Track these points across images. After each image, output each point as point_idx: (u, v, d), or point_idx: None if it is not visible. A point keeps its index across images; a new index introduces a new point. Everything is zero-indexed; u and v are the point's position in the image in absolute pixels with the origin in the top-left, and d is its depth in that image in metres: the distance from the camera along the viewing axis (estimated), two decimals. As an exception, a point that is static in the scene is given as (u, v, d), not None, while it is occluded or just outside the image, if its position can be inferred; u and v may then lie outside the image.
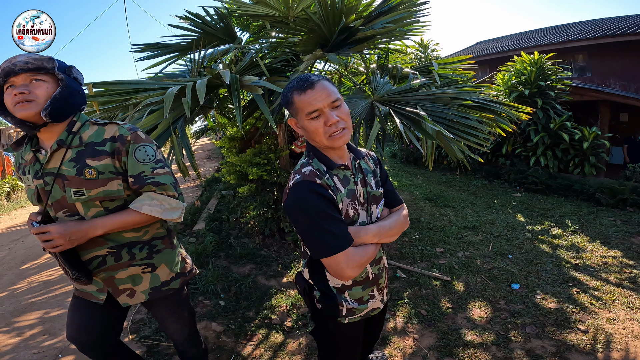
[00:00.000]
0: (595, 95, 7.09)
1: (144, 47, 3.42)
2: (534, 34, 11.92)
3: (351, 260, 1.04)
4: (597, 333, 2.32)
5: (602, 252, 3.63)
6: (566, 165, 6.59)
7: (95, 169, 1.18)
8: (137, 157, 1.23)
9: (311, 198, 1.03)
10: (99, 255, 1.25)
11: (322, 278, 1.21)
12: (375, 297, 1.26)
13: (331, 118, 1.03)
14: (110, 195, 1.22)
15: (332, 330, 1.26)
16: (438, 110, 2.70)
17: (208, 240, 3.60)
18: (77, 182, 1.17)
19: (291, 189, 1.07)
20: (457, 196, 6.06)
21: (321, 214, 1.02)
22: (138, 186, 1.25)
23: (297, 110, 1.07)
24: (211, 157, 11.39)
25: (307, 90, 1.03)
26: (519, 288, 2.94)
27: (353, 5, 2.86)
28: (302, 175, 1.07)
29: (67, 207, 1.21)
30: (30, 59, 1.14)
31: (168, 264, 1.38)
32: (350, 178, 1.16)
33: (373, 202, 1.21)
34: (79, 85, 1.27)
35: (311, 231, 1.03)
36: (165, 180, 1.27)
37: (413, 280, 3.12)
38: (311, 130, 1.07)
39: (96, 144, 1.21)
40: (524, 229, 4.40)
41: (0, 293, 3.10)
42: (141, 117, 2.20)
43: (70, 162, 1.18)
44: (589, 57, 9.19)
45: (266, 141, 3.72)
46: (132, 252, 1.29)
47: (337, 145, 1.08)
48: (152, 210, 1.24)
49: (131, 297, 1.32)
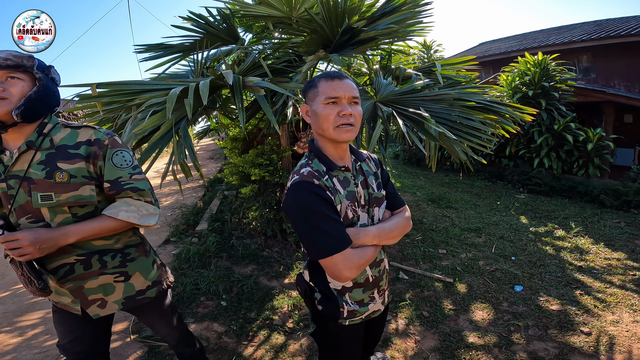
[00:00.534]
0: (599, 96, 7.04)
1: (148, 47, 3.42)
2: (538, 35, 11.87)
3: (349, 262, 1.04)
4: (601, 335, 2.31)
5: (606, 254, 3.61)
6: (570, 166, 6.54)
7: (67, 172, 1.13)
8: (115, 162, 1.20)
9: (308, 198, 1.03)
10: (66, 263, 1.19)
11: (323, 280, 1.20)
12: (375, 300, 1.26)
13: (346, 109, 1.06)
14: (81, 201, 1.17)
15: (332, 331, 1.26)
16: (441, 112, 2.69)
17: (210, 241, 3.61)
18: (45, 186, 1.12)
19: (289, 189, 1.07)
20: (460, 197, 6.04)
21: (318, 215, 1.02)
22: (115, 191, 1.21)
23: (317, 94, 1.08)
24: (214, 157, 11.41)
25: (335, 79, 1.08)
26: (522, 290, 2.93)
27: (356, 6, 2.85)
28: (300, 176, 1.07)
29: (31, 212, 1.14)
30: (10, 56, 1.10)
31: (143, 272, 1.33)
32: (351, 180, 1.16)
33: (375, 204, 1.20)
34: (55, 86, 1.24)
35: (308, 232, 1.03)
36: (144, 186, 1.25)
37: (415, 281, 3.11)
38: (322, 116, 1.07)
39: (69, 147, 1.16)
40: (528, 230, 4.38)
41: (3, 292, 3.11)
42: (144, 117, 2.20)
43: (39, 165, 1.13)
44: (593, 58, 9.13)
45: (269, 142, 3.72)
46: (104, 259, 1.24)
47: (342, 138, 1.07)
48: (129, 217, 1.20)
49: (102, 307, 1.26)
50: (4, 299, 2.99)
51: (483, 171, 7.60)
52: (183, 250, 3.51)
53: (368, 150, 2.55)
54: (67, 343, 1.29)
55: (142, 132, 2.24)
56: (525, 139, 6.92)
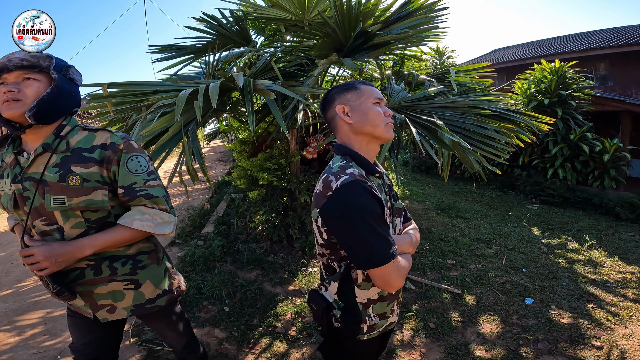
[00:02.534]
0: (617, 106, 6.87)
1: (161, 48, 3.43)
2: (554, 42, 11.67)
3: (401, 269, 0.98)
4: (612, 349, 2.26)
5: (621, 267, 3.52)
6: (585, 177, 6.38)
7: (80, 176, 1.11)
8: (129, 167, 1.17)
9: (366, 199, 0.95)
10: (76, 267, 1.18)
11: (351, 293, 1.12)
12: (394, 312, 1.21)
13: (388, 110, 1.12)
14: (93, 206, 1.14)
15: (349, 348, 1.20)
16: (455, 120, 2.63)
17: (215, 244, 3.58)
18: (58, 189, 1.10)
19: (338, 190, 0.97)
20: (470, 207, 5.93)
21: (378, 219, 0.95)
22: (128, 198, 1.18)
23: (363, 94, 1.10)
24: (223, 159, 11.46)
25: (371, 85, 1.15)
26: (533, 303, 2.86)
27: (370, 10, 2.81)
28: (350, 175, 0.98)
29: (45, 215, 1.13)
30: (28, 57, 1.09)
31: (154, 280, 1.30)
32: (382, 187, 1.13)
33: (397, 215, 1.19)
34: (75, 86, 1.20)
35: (367, 237, 0.94)
36: (158, 193, 1.21)
37: (422, 292, 3.05)
38: (374, 112, 1.08)
39: (84, 150, 1.14)
40: (540, 242, 4.27)
41: (6, 290, 3.11)
42: (153, 119, 2.19)
43: (54, 168, 1.11)
44: (610, 66, 8.94)
45: (278, 146, 3.69)
46: (114, 266, 1.21)
47: (390, 136, 1.11)
48: (143, 226, 1.17)
49: (111, 312, 1.25)
50: (6, 297, 2.99)
51: (494, 180, 7.46)
52: (188, 253, 3.49)
53: (379, 157, 2.50)
54: (79, 345, 1.29)
55: (151, 134, 2.23)
56: (539, 148, 6.77)
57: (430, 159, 8.54)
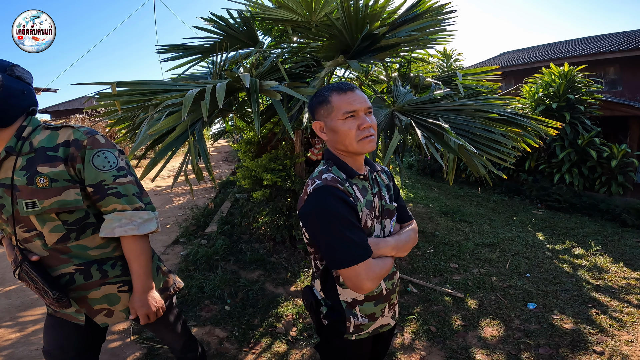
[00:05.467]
0: (626, 111, 6.79)
1: (169, 48, 3.46)
2: (564, 45, 11.57)
3: (371, 272, 1.00)
4: (613, 355, 2.25)
5: (625, 273, 3.50)
6: (592, 183, 6.32)
7: (48, 176, 1.06)
8: (96, 164, 1.12)
9: (334, 204, 0.99)
10: (65, 273, 1.15)
11: (333, 291, 1.16)
12: (385, 314, 1.22)
13: (365, 122, 1.04)
14: (67, 206, 1.10)
15: (338, 347, 1.22)
16: (461, 123, 2.61)
17: (219, 244, 3.60)
18: (28, 193, 1.06)
19: (311, 195, 1.03)
20: (474, 211, 5.90)
21: (344, 221, 0.98)
22: (99, 196, 1.13)
23: (332, 109, 1.06)
24: (228, 159, 11.48)
25: (347, 91, 1.06)
26: (535, 308, 2.85)
27: (377, 12, 2.81)
28: (323, 181, 1.03)
29: (23, 221, 1.10)
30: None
31: None
32: (368, 189, 1.14)
33: (387, 216, 1.18)
34: (25, 84, 1.14)
35: (332, 239, 0.99)
36: (128, 190, 1.16)
37: (424, 295, 3.04)
38: (343, 132, 1.05)
39: (47, 150, 1.09)
40: (544, 247, 4.24)
41: (10, 286, 3.12)
42: (160, 118, 2.20)
43: (21, 171, 1.07)
44: (620, 70, 8.84)
45: (282, 147, 3.70)
46: (104, 269, 1.19)
47: (365, 150, 1.06)
48: (126, 231, 1.13)
49: (109, 316, 1.23)
50: (10, 293, 3.01)
51: (500, 185, 7.41)
52: (191, 252, 3.51)
53: (384, 160, 2.50)
54: (54, 350, 1.25)
55: (157, 133, 2.24)
56: (546, 153, 6.72)
57: (435, 162, 8.50)
